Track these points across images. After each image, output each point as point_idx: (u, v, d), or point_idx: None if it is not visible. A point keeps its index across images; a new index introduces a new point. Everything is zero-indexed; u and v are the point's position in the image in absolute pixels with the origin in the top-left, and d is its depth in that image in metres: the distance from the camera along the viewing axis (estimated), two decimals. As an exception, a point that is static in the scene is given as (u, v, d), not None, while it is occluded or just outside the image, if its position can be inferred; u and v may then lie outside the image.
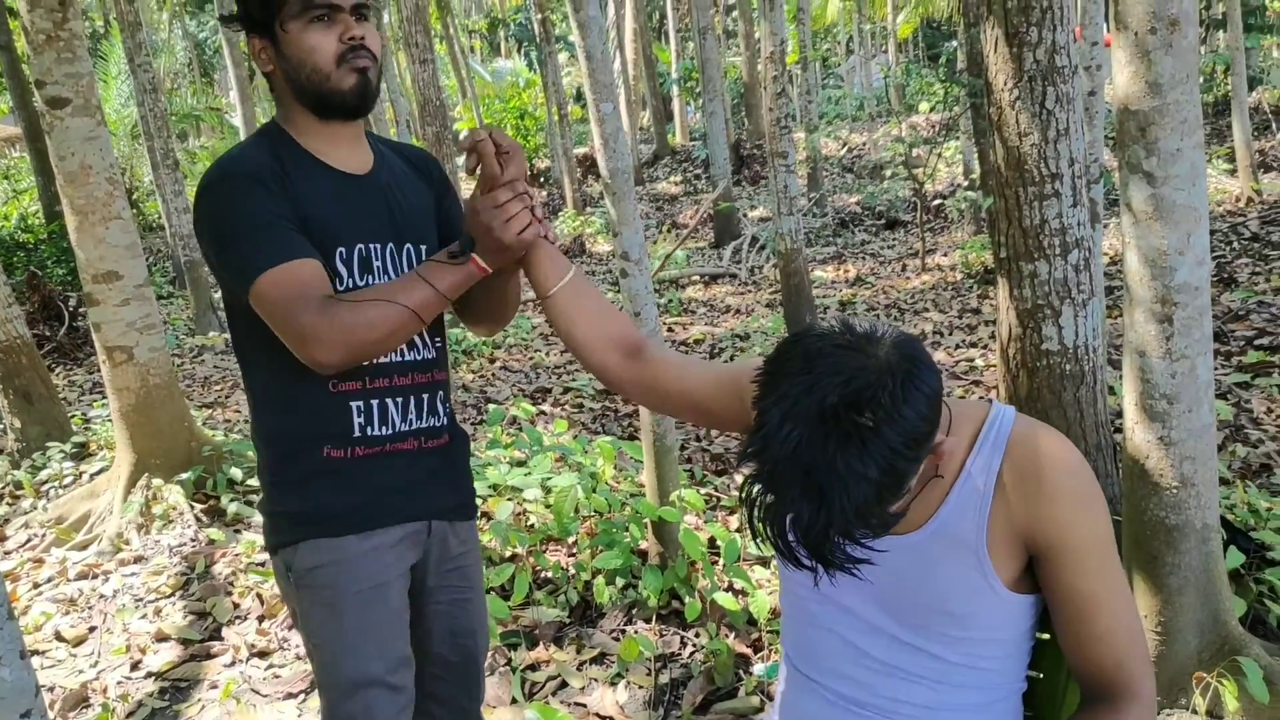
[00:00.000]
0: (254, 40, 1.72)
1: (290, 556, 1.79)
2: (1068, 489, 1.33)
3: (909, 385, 1.16)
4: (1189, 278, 2.43)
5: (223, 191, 1.67)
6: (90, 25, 22.38)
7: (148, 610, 3.95)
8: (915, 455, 1.18)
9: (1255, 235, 8.69)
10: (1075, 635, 1.37)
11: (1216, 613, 2.63)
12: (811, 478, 1.14)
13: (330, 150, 1.76)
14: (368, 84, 1.73)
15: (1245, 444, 4.38)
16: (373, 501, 1.79)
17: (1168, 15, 2.31)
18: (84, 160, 4.62)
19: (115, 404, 4.90)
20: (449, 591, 1.96)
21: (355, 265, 1.74)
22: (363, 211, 1.77)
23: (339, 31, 1.68)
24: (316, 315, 1.56)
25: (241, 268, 1.63)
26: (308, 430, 1.76)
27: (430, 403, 1.86)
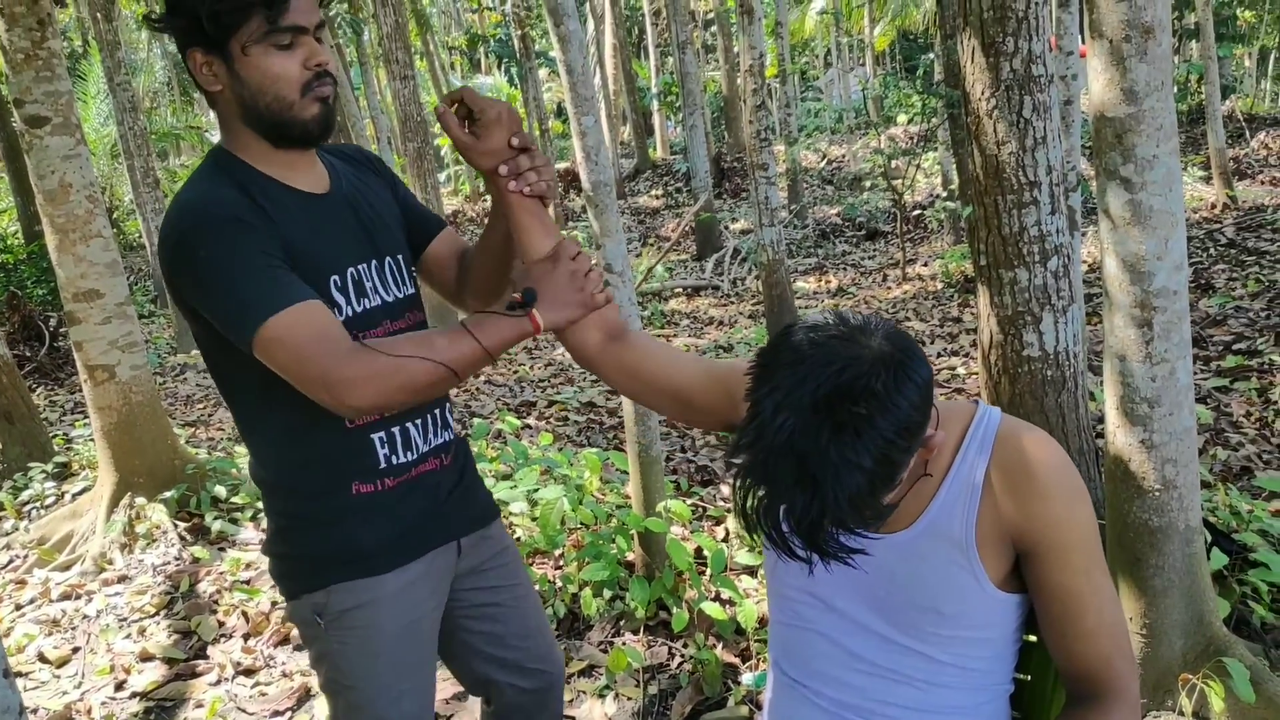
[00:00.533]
0: (196, 54, 1.54)
1: (322, 600, 1.69)
2: (1054, 487, 1.34)
3: (901, 375, 1.17)
4: (1167, 282, 2.46)
5: (204, 238, 1.50)
6: (69, 45, 22.30)
7: (132, 630, 3.92)
8: (908, 445, 1.19)
9: (1231, 241, 8.77)
10: (1062, 634, 1.38)
11: (1201, 614, 2.65)
12: (805, 467, 1.14)
13: (290, 173, 1.64)
14: (330, 113, 1.61)
15: (1225, 447, 4.42)
16: (405, 534, 1.73)
17: (1142, 23, 2.34)
18: (64, 178, 4.61)
19: (97, 423, 4.87)
20: (498, 592, 1.92)
21: (351, 291, 1.65)
22: (340, 232, 1.67)
23: (302, 57, 1.54)
24: (349, 364, 1.45)
25: (244, 316, 1.47)
26: (332, 470, 1.67)
27: (441, 417, 1.81)
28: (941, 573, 1.38)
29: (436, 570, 1.79)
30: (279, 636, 3.72)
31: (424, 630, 1.79)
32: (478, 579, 1.89)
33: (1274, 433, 4.55)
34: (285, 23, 1.51)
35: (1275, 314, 6.39)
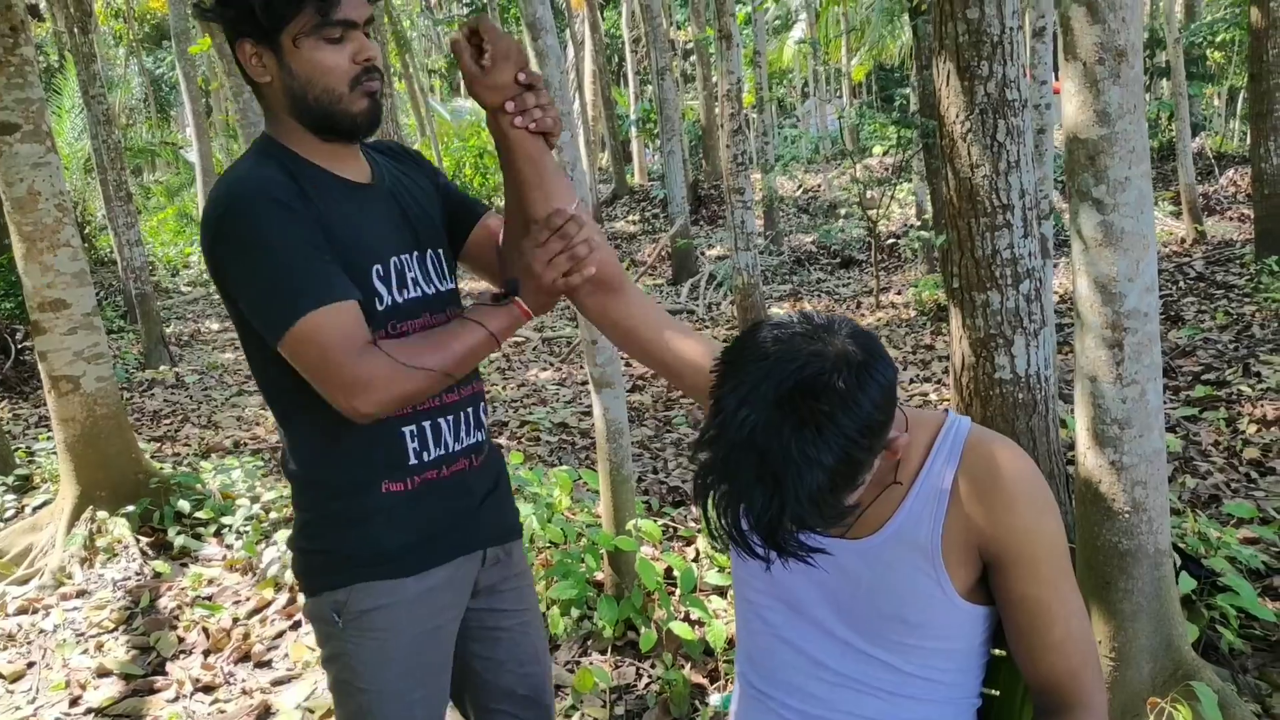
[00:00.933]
0: (246, 44, 1.54)
1: (342, 598, 1.66)
2: (1022, 497, 1.34)
3: (865, 374, 1.16)
4: (1138, 304, 2.46)
5: (249, 218, 1.49)
6: (45, 60, 22.19)
7: (89, 645, 3.85)
8: (870, 445, 1.18)
9: (1200, 275, 8.87)
10: (1029, 646, 1.37)
11: (1169, 638, 2.64)
12: (766, 463, 1.13)
13: (337, 163, 1.64)
14: (378, 108, 1.62)
15: (1194, 475, 4.44)
16: (432, 537, 1.70)
17: (1115, 46, 2.36)
18: (32, 186, 4.55)
19: (60, 435, 4.80)
20: (509, 616, 1.88)
21: (393, 281, 1.63)
22: (384, 222, 1.67)
23: (352, 51, 1.55)
24: (364, 365, 1.46)
25: (278, 309, 1.47)
26: (363, 466, 1.65)
27: (475, 416, 1.77)
28: (907, 580, 1.37)
29: (460, 577, 1.76)
30: (239, 653, 3.66)
31: (443, 637, 1.76)
32: (490, 599, 1.86)
33: (1242, 462, 4.58)
34: (336, 16, 1.52)
35: (1243, 346, 6.45)
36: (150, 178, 21.98)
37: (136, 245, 9.61)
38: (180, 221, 18.54)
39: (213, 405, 7.94)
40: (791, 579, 1.45)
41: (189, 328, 12.03)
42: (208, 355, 10.14)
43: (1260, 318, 7.12)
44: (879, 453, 1.22)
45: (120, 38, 25.83)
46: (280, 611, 3.92)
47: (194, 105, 15.72)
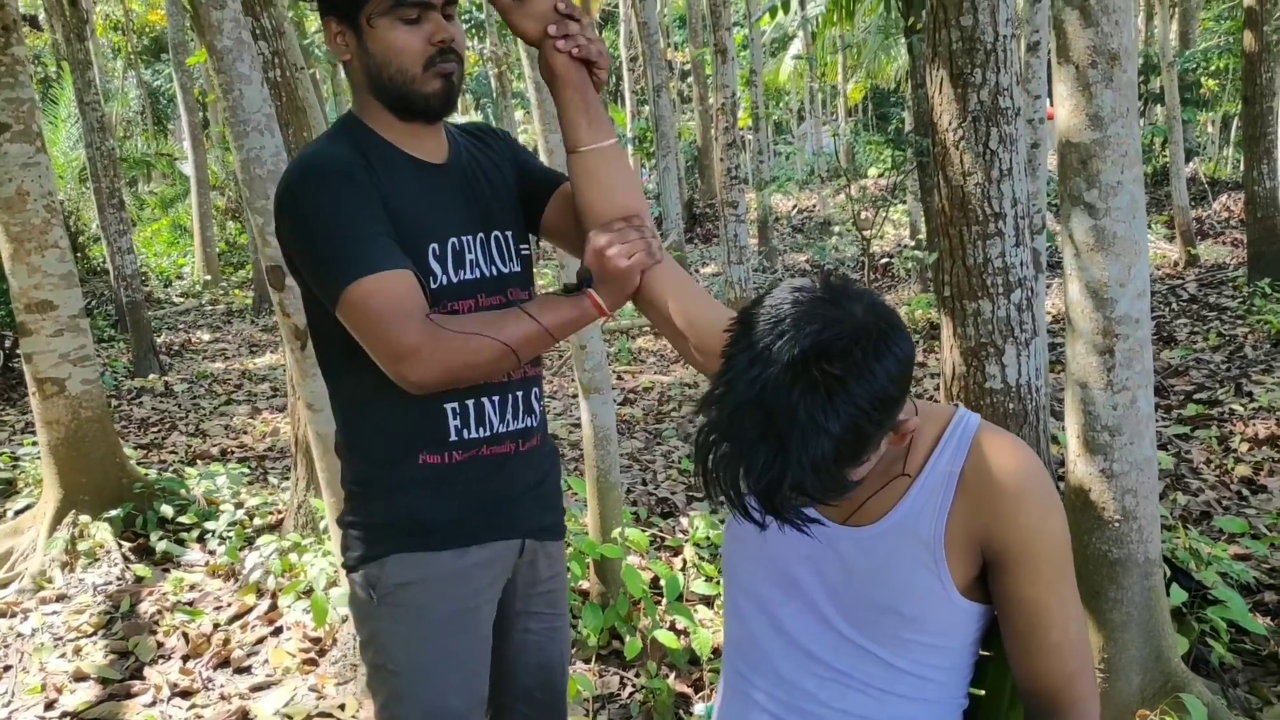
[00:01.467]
0: (331, 23, 1.60)
1: (376, 572, 1.67)
2: (1029, 495, 1.30)
3: (883, 346, 1.13)
4: (1130, 309, 2.45)
5: (311, 190, 1.55)
6: (43, 70, 22.20)
7: (67, 649, 3.79)
8: (880, 419, 1.15)
9: (1193, 297, 8.88)
10: (1025, 649, 1.33)
11: (1159, 649, 2.61)
12: (772, 423, 1.10)
13: (412, 143, 1.66)
14: (452, 89, 1.62)
15: (1186, 492, 4.42)
16: (470, 515, 1.69)
17: (1109, 50, 2.35)
18: (21, 186, 4.52)
19: (44, 438, 4.75)
20: (539, 619, 1.86)
21: (449, 260, 1.64)
22: (449, 202, 1.68)
23: (428, 32, 1.57)
24: (420, 336, 1.48)
25: (332, 275, 1.51)
26: (401, 436, 1.65)
27: (525, 400, 1.75)
28: (906, 572, 1.34)
29: (497, 562, 1.74)
30: (219, 659, 3.61)
31: (478, 622, 1.72)
32: (524, 601, 1.83)
33: (1233, 479, 4.56)
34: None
35: (1235, 366, 6.44)
36: (145, 189, 21.93)
37: (128, 253, 9.58)
38: (174, 233, 18.52)
39: (201, 414, 7.90)
40: (790, 565, 1.42)
41: (180, 338, 11.97)
42: (198, 365, 10.09)
43: (1252, 339, 7.11)
44: (888, 430, 1.19)
45: (119, 50, 25.84)
46: (261, 617, 3.87)
47: (190, 117, 15.75)
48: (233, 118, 3.17)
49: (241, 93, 3.15)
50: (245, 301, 14.34)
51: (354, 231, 1.52)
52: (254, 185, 3.24)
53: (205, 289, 15.39)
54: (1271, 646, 2.96)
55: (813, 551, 1.41)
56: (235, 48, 3.14)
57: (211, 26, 3.12)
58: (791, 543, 1.43)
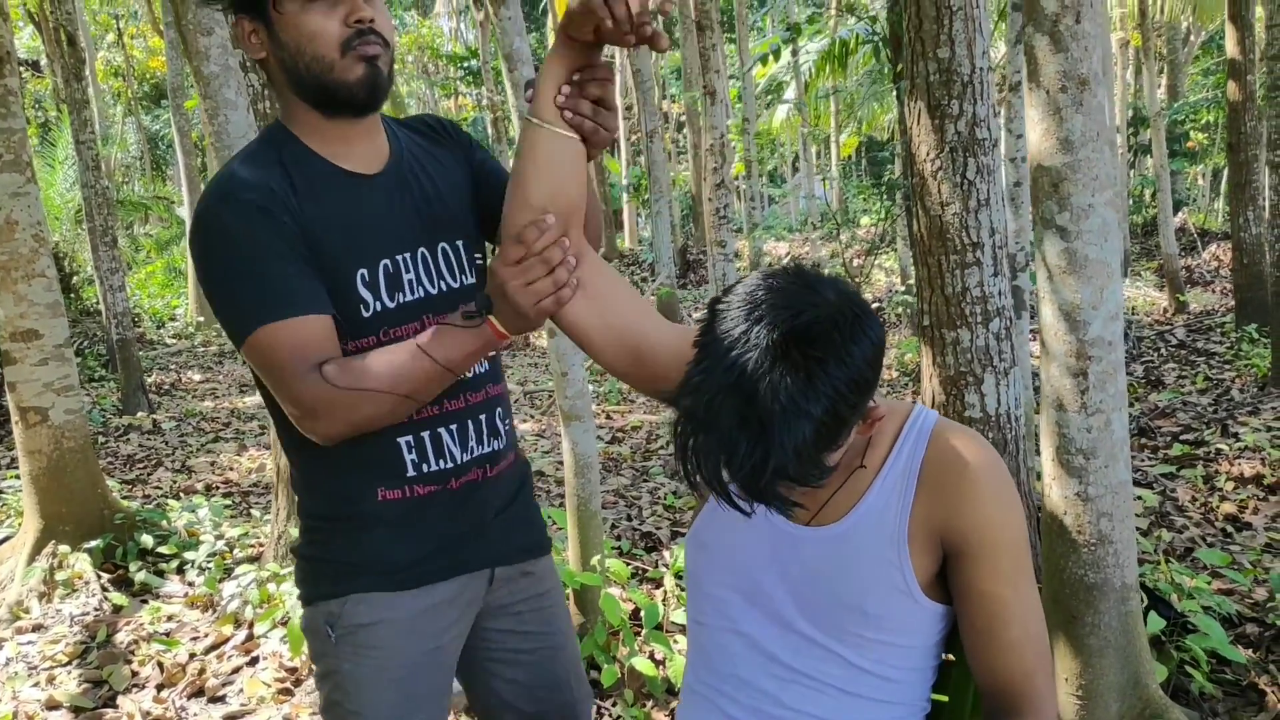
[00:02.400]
0: (243, 22, 1.48)
1: (336, 609, 1.57)
2: (985, 488, 1.31)
3: (858, 329, 1.15)
4: (1102, 332, 2.46)
5: (223, 222, 1.45)
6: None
7: (40, 678, 3.74)
8: (856, 402, 1.16)
9: (1182, 342, 8.92)
10: (984, 644, 1.33)
11: (1137, 675, 2.59)
12: (753, 408, 1.10)
13: (341, 149, 1.53)
14: (377, 74, 1.48)
15: (1170, 529, 4.41)
16: (435, 552, 1.59)
17: (1078, 75, 2.38)
18: (10, 215, 4.54)
19: (25, 467, 4.73)
20: (532, 639, 1.75)
21: (382, 285, 1.52)
22: (383, 218, 1.54)
23: (344, 13, 1.44)
24: (313, 394, 1.39)
25: (236, 319, 1.44)
26: (356, 472, 1.56)
27: (490, 423, 1.64)
28: (869, 569, 1.34)
29: (465, 597, 1.65)
30: (193, 688, 3.57)
31: (443, 659, 1.64)
32: (512, 620, 1.73)
33: (1218, 517, 4.55)
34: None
35: (1222, 408, 6.46)
36: (141, 230, 22.04)
37: (119, 290, 9.60)
38: (168, 275, 18.57)
39: (188, 451, 7.87)
40: (754, 569, 1.42)
41: (170, 377, 11.96)
42: (187, 403, 10.07)
43: (1240, 382, 7.14)
44: (862, 415, 1.20)
45: (119, 95, 26.09)
46: (238, 647, 3.83)
47: (187, 160, 15.86)
48: (218, 141, 3.21)
49: (227, 117, 3.19)
50: (238, 343, 14.32)
51: (260, 272, 1.43)
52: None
53: (198, 330, 15.40)
54: (1252, 676, 2.93)
55: (777, 554, 1.41)
56: (222, 73, 3.18)
57: (199, 53, 3.16)
58: (755, 547, 1.43)
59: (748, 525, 1.44)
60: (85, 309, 14.96)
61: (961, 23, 3.12)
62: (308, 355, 1.41)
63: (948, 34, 3.14)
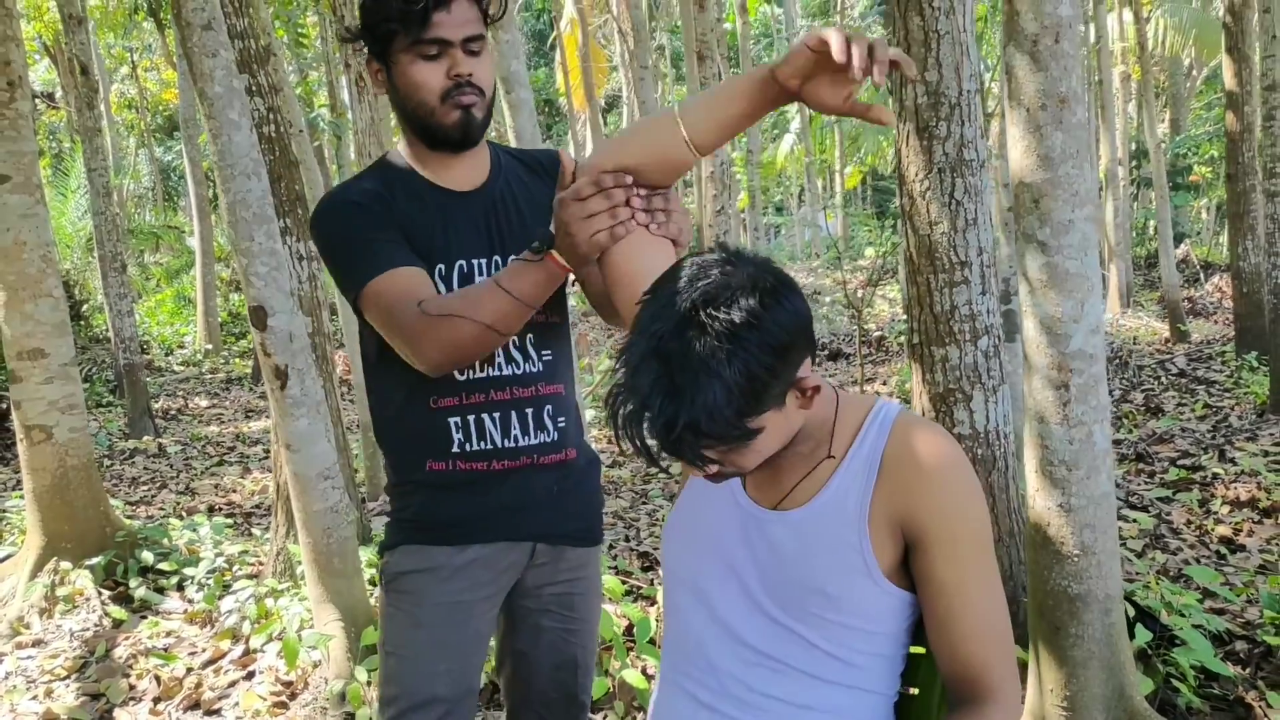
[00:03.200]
0: (372, 62, 1.76)
1: (389, 559, 1.83)
2: (946, 477, 1.35)
3: (773, 297, 1.20)
4: (1084, 345, 2.50)
5: (328, 217, 1.75)
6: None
7: (39, 691, 3.78)
8: (773, 367, 1.20)
9: (1182, 371, 8.93)
10: (945, 632, 1.36)
11: (1121, 687, 2.61)
12: (668, 370, 1.17)
13: (442, 171, 1.80)
14: (471, 121, 1.73)
15: (1164, 551, 4.42)
16: (475, 516, 1.78)
17: (1058, 93, 2.44)
18: (18, 236, 4.62)
19: (29, 484, 4.78)
20: (551, 617, 1.90)
21: (455, 280, 1.75)
22: (465, 227, 1.78)
23: (447, 66, 1.69)
24: (414, 321, 1.60)
25: (351, 281, 1.69)
26: (413, 444, 1.80)
27: (536, 417, 1.81)
28: (831, 552, 1.38)
29: (501, 562, 1.82)
30: (190, 701, 3.60)
31: (472, 615, 1.80)
32: (539, 600, 1.89)
33: (1213, 540, 4.56)
34: (428, 35, 1.67)
35: (1220, 434, 6.47)
36: (152, 259, 22.21)
37: (128, 315, 9.70)
38: (178, 303, 18.69)
39: (192, 473, 7.92)
40: (724, 553, 1.46)
41: (177, 403, 12.03)
42: (192, 428, 10.13)
43: (1238, 410, 7.15)
44: (787, 383, 1.25)
45: (132, 127, 26.39)
46: (235, 662, 3.86)
47: (198, 190, 16.03)
48: (221, 161, 3.28)
49: (230, 138, 3.26)
50: (245, 370, 14.42)
51: (365, 242, 1.69)
52: (239, 227, 3.33)
53: (206, 358, 15.49)
54: (1240, 692, 2.95)
55: (746, 538, 1.45)
56: (226, 94, 3.25)
57: (204, 74, 3.24)
58: (726, 530, 1.48)
59: (720, 510, 1.49)
60: (95, 336, 15.07)
61: (948, 46, 3.18)
62: (410, 295, 1.63)
63: (935, 58, 3.21)
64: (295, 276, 4.37)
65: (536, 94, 31.75)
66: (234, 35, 4.11)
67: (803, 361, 1.26)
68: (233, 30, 4.12)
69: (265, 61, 4.35)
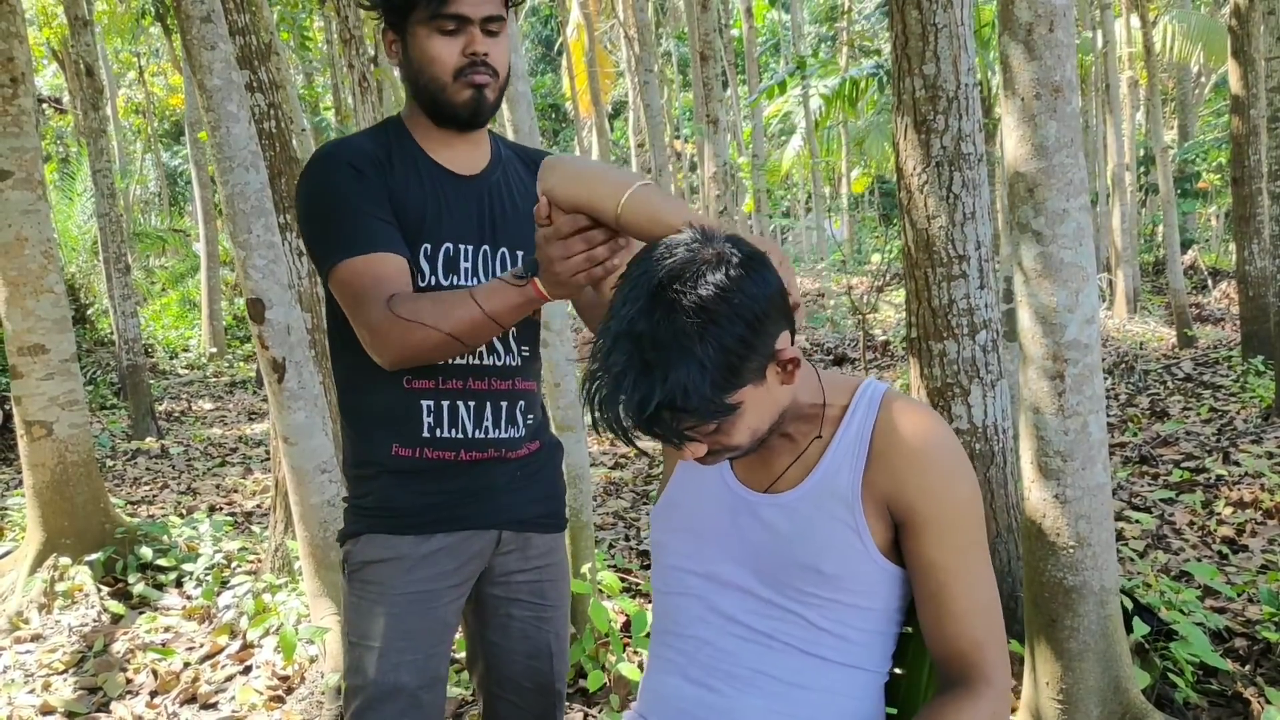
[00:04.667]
0: (388, 32, 1.74)
1: (351, 548, 1.79)
2: (933, 457, 1.35)
3: (740, 271, 1.20)
4: (1079, 335, 2.49)
5: (321, 172, 1.70)
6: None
7: (36, 685, 3.78)
8: (744, 337, 1.19)
9: (1189, 376, 8.90)
10: (934, 613, 1.36)
11: (1117, 680, 2.59)
12: (640, 349, 1.17)
13: (443, 150, 1.77)
14: (482, 100, 1.72)
15: (1167, 551, 4.40)
16: (439, 504, 1.76)
17: (1052, 82, 2.44)
18: (20, 232, 4.64)
19: (29, 480, 4.79)
20: (521, 606, 1.88)
21: (440, 263, 1.72)
22: (458, 211, 1.75)
23: (463, 44, 1.67)
24: (379, 317, 1.58)
25: (325, 251, 1.66)
26: (380, 423, 1.75)
27: (509, 412, 1.80)
28: (826, 530, 1.37)
29: (466, 550, 1.79)
30: (186, 695, 3.59)
31: (437, 604, 1.77)
32: (507, 588, 1.87)
33: (1215, 540, 4.54)
34: (448, 10, 1.65)
35: (1225, 437, 6.44)
36: (157, 263, 22.28)
37: (131, 317, 9.72)
38: (183, 307, 18.73)
39: (194, 474, 7.92)
40: (715, 536, 1.46)
41: (181, 406, 12.04)
42: (196, 430, 10.14)
43: (1244, 413, 7.11)
44: (763, 355, 1.23)
45: (139, 131, 26.50)
46: (232, 656, 3.86)
47: (203, 193, 16.06)
48: (219, 154, 3.28)
49: (229, 130, 3.27)
50: (249, 374, 14.43)
51: (350, 213, 1.65)
52: (237, 220, 3.34)
53: (210, 361, 15.51)
54: (1238, 687, 2.93)
55: (736, 521, 1.45)
56: (224, 87, 3.26)
57: (202, 66, 3.24)
58: (716, 515, 1.47)
59: (709, 495, 1.49)
60: (100, 339, 15.10)
61: (946, 40, 3.18)
62: (381, 286, 1.60)
63: (933, 51, 3.20)
64: (294, 272, 4.37)
65: (543, 99, 31.88)
66: (235, 31, 4.12)
67: (779, 334, 1.25)
68: (234, 26, 4.13)
69: (267, 58, 4.36)
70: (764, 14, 24.46)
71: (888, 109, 17.56)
